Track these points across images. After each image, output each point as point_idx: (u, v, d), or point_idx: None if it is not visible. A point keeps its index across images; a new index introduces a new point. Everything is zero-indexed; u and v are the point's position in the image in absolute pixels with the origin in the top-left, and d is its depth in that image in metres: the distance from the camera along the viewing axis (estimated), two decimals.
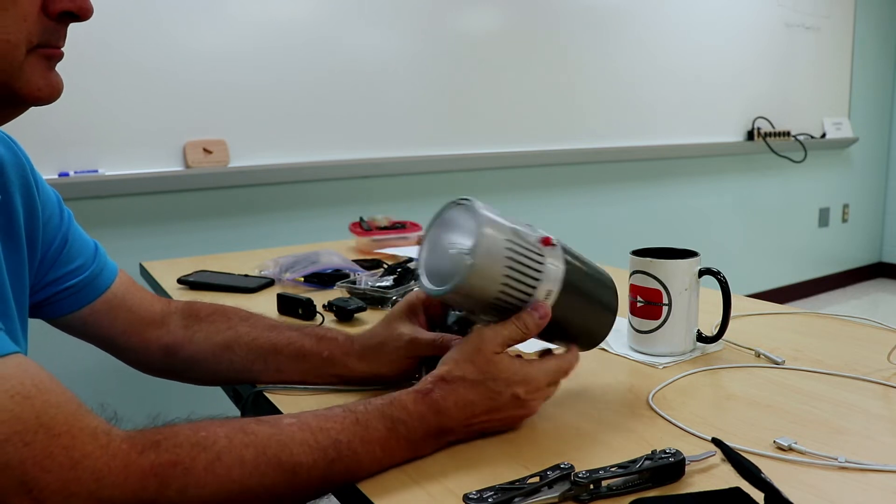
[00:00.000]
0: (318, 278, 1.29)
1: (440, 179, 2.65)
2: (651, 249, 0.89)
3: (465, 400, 0.62)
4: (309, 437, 0.57)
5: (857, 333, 0.96)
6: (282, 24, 2.23)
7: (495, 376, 0.63)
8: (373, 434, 0.59)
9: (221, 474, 0.53)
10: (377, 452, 0.59)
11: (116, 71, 1.98)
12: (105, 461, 0.49)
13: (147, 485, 0.50)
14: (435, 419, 0.61)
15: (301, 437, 0.57)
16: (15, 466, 0.46)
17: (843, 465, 0.59)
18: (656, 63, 3.21)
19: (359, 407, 0.61)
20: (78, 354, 2.00)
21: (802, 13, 3.80)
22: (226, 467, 0.53)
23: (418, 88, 2.54)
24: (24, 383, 0.49)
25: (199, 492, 0.52)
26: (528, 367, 0.65)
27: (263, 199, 2.27)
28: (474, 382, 0.63)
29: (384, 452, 0.60)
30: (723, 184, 3.64)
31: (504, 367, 0.64)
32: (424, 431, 0.61)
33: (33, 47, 0.59)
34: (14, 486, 0.46)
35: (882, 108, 4.46)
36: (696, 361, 0.86)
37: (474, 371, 0.63)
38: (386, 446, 0.59)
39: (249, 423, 0.57)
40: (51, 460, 0.47)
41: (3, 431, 0.46)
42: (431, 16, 2.54)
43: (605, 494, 0.56)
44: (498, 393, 0.63)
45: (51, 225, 0.76)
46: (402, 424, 0.60)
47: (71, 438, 0.49)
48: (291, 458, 0.55)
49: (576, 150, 2.96)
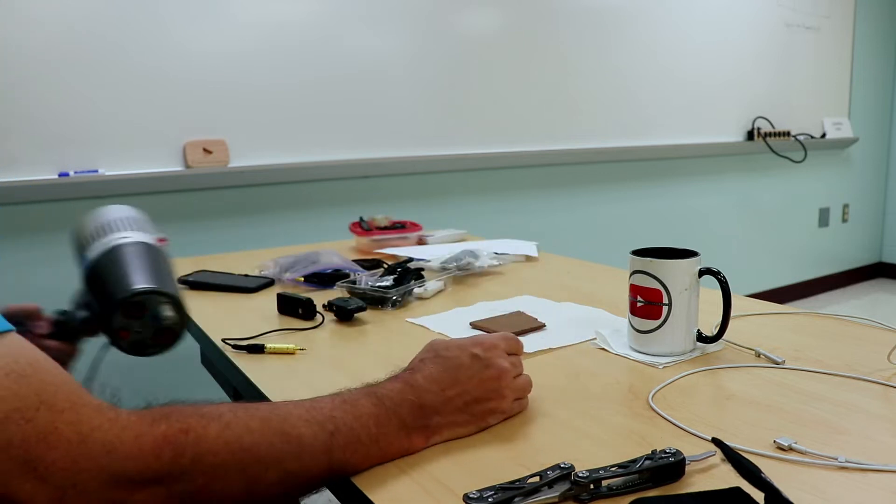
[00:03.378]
0: (318, 278, 1.29)
1: (440, 179, 2.65)
2: (651, 249, 0.89)
3: (430, 374, 0.66)
4: (304, 413, 0.58)
5: (857, 333, 0.96)
6: (282, 25, 2.23)
7: (447, 346, 0.69)
8: (362, 409, 0.61)
9: (232, 441, 0.53)
10: (372, 428, 0.60)
11: (116, 71, 1.98)
12: (116, 433, 0.48)
13: (161, 454, 0.49)
14: (413, 394, 0.64)
15: (297, 412, 0.58)
16: (17, 445, 0.45)
17: (843, 465, 0.59)
18: (656, 63, 3.21)
19: (342, 392, 0.63)
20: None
21: (802, 13, 3.80)
22: (235, 435, 0.53)
23: (418, 88, 2.54)
24: (18, 362, 0.47)
25: (213, 459, 0.51)
26: (474, 335, 0.72)
27: (263, 199, 2.27)
28: (433, 359, 0.68)
29: (378, 428, 0.60)
30: (723, 184, 3.64)
31: (451, 340, 0.70)
32: (409, 406, 0.63)
33: None
34: (17, 466, 0.45)
35: (882, 108, 4.46)
36: (696, 361, 0.86)
37: (429, 351, 0.69)
38: (378, 422, 0.61)
39: (248, 402, 0.58)
40: (56, 436, 0.46)
41: (3, 409, 0.45)
42: (431, 16, 2.54)
43: (605, 494, 0.56)
44: (456, 358, 0.67)
45: None
46: (388, 399, 0.62)
47: (76, 414, 0.47)
48: (294, 428, 0.56)
49: (576, 150, 2.96)
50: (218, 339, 0.98)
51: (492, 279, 1.36)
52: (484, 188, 2.76)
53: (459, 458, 0.63)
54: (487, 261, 1.38)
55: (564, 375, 0.83)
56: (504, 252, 1.53)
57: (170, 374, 2.14)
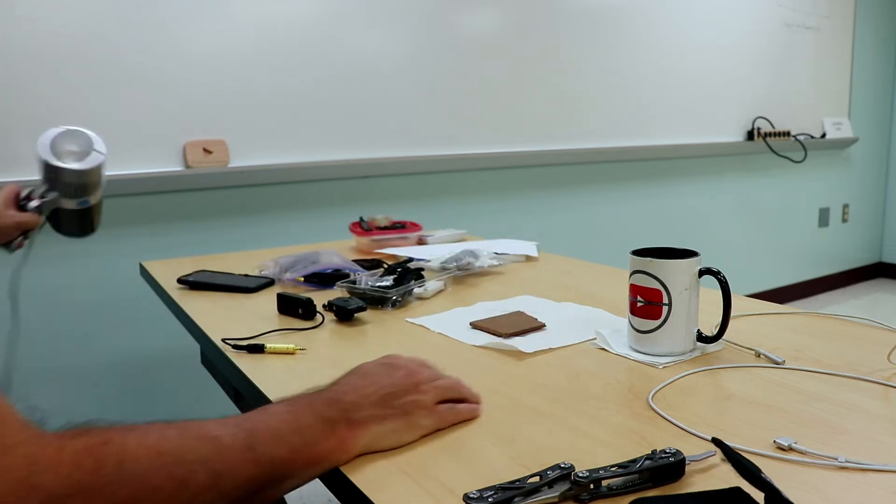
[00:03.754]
0: (318, 278, 1.29)
1: (440, 179, 2.65)
2: (651, 249, 0.89)
3: (343, 381, 0.69)
4: (218, 419, 0.59)
5: (857, 333, 0.96)
6: (282, 25, 2.23)
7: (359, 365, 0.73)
8: (274, 409, 0.63)
9: (152, 446, 0.52)
10: (289, 421, 0.61)
11: (116, 71, 1.98)
12: (39, 447, 0.48)
13: (82, 463, 0.49)
14: (326, 392, 0.66)
15: (213, 420, 0.59)
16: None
17: (843, 465, 0.59)
18: (656, 63, 3.21)
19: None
20: (88, 354, 2.00)
21: (802, 13, 3.80)
22: (155, 440, 0.53)
23: (418, 88, 2.54)
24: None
25: (135, 466, 0.51)
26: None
27: (263, 199, 2.27)
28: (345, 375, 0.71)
29: (296, 420, 0.61)
30: (723, 184, 3.64)
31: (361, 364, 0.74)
32: (323, 401, 0.64)
33: None
34: None
35: (882, 108, 4.46)
36: (696, 361, 0.86)
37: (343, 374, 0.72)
38: (295, 415, 0.61)
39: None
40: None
41: None
42: (431, 16, 2.54)
43: (605, 494, 0.56)
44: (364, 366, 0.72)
45: None
46: (299, 398, 0.64)
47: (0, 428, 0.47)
48: (210, 431, 0.57)
49: (576, 150, 2.96)
50: (218, 339, 0.98)
51: (492, 279, 1.36)
52: (484, 188, 2.76)
53: (459, 458, 0.63)
54: (487, 261, 1.39)
55: (564, 375, 0.83)
56: (504, 252, 1.53)
57: (170, 374, 2.15)
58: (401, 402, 0.67)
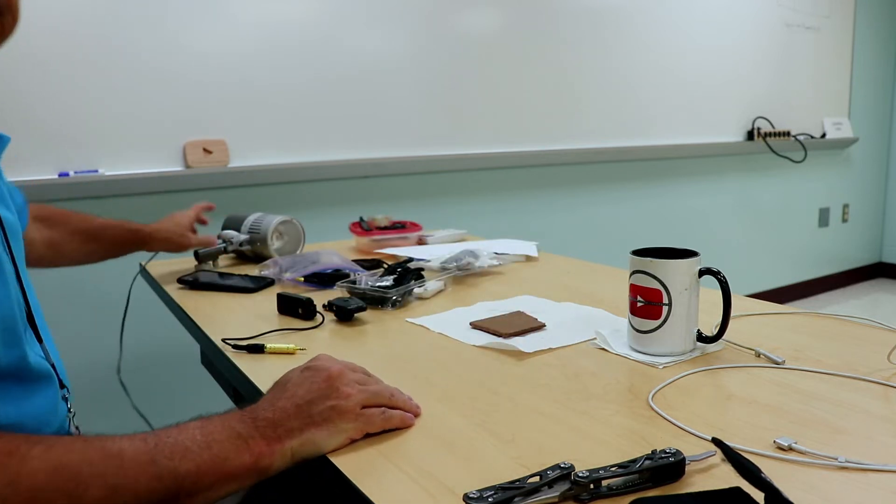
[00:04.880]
0: (318, 278, 1.29)
1: (440, 179, 2.65)
2: (651, 249, 0.89)
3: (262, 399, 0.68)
4: (132, 434, 0.60)
5: (857, 333, 0.96)
6: (282, 25, 2.23)
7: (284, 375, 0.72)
8: (186, 425, 0.62)
9: (52, 460, 0.53)
10: (197, 436, 0.61)
11: (116, 71, 1.98)
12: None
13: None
14: (243, 412, 0.65)
15: (125, 435, 0.59)
16: None
17: (843, 465, 0.59)
18: (656, 63, 3.21)
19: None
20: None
21: (802, 13, 3.80)
22: (56, 454, 0.54)
23: (418, 88, 2.54)
24: None
25: (30, 482, 0.52)
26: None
27: (263, 199, 2.27)
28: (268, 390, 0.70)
29: (205, 436, 0.61)
30: (723, 184, 3.64)
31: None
32: (238, 418, 0.64)
33: None
34: None
35: (882, 108, 4.46)
36: (696, 361, 0.86)
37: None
38: (204, 431, 0.61)
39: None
40: None
41: None
42: (431, 16, 2.54)
43: (605, 494, 0.56)
44: (285, 377, 0.71)
45: None
46: (215, 416, 0.64)
47: None
48: (115, 444, 0.58)
49: (576, 150, 2.96)
50: (218, 339, 0.98)
51: (492, 279, 1.36)
52: (484, 188, 2.76)
53: (459, 458, 0.63)
54: (487, 261, 1.39)
55: (564, 375, 0.83)
56: (504, 252, 1.53)
57: (170, 374, 2.15)
58: (319, 410, 0.65)
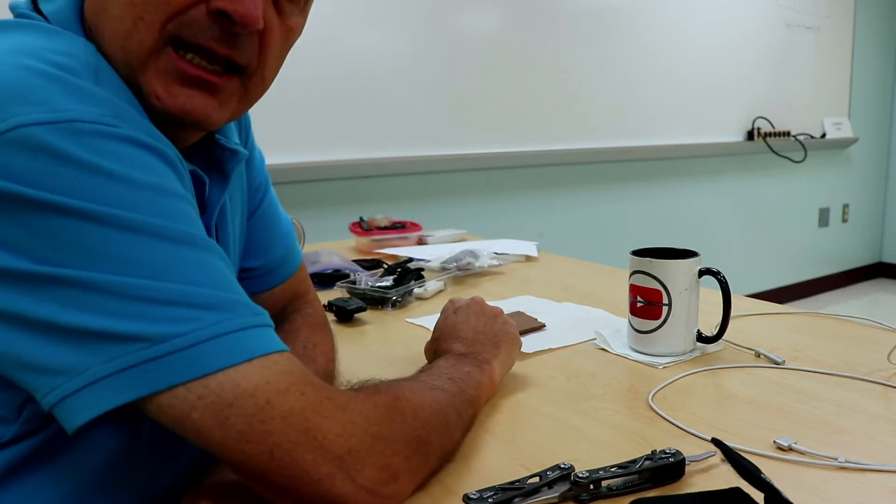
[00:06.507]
0: (318, 278, 1.29)
1: (440, 179, 2.65)
2: (651, 249, 0.89)
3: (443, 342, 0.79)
4: (422, 376, 0.68)
5: (857, 333, 0.96)
6: None
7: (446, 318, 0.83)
8: (444, 363, 0.72)
9: (425, 395, 0.61)
10: (473, 370, 0.71)
11: None
12: (361, 402, 0.54)
13: (392, 414, 0.55)
14: (437, 358, 0.75)
15: (423, 375, 0.68)
16: (297, 413, 0.49)
17: (843, 465, 0.59)
18: (656, 63, 3.21)
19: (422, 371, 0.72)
20: None
21: (802, 13, 3.80)
22: (419, 392, 0.61)
23: (418, 88, 2.54)
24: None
25: (420, 412, 0.58)
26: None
27: None
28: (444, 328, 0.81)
29: (459, 374, 0.70)
30: (723, 184, 3.64)
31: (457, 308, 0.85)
32: (446, 360, 0.73)
33: (169, 40, 0.54)
34: (299, 434, 0.48)
35: (882, 108, 4.46)
36: (696, 361, 0.86)
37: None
38: (451, 371, 0.70)
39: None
40: (324, 407, 0.50)
41: (283, 381, 0.49)
42: (431, 16, 2.54)
43: (605, 494, 0.56)
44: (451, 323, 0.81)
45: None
46: (441, 358, 0.74)
47: (329, 391, 0.52)
48: (436, 384, 0.65)
49: (576, 150, 2.96)
50: None
51: (492, 279, 1.36)
52: (484, 188, 2.76)
53: (459, 458, 0.63)
54: (487, 261, 1.39)
55: (564, 375, 0.83)
56: (504, 252, 1.53)
57: None
58: (496, 340, 0.78)
